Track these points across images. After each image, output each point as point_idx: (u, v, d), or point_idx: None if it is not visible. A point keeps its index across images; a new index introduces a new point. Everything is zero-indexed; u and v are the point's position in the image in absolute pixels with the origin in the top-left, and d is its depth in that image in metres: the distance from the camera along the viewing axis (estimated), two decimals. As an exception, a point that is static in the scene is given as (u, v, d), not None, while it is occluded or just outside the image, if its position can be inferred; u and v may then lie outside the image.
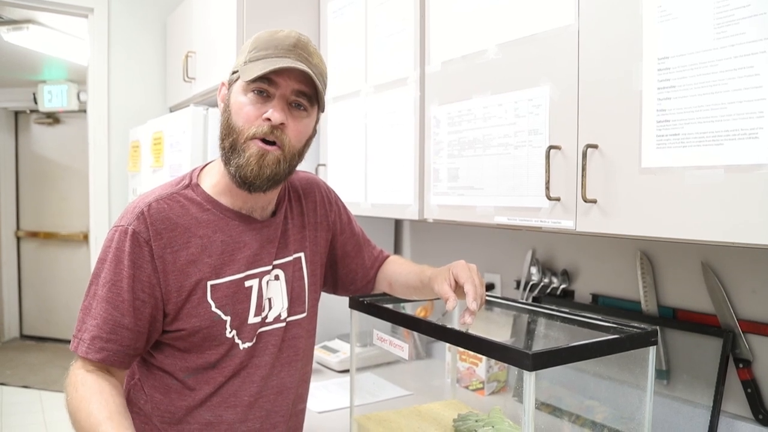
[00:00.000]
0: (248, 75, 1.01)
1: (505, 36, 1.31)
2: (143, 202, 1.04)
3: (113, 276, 1.01)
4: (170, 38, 2.83)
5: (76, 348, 1.01)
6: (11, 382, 4.50)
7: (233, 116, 1.04)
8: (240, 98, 1.03)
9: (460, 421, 1.36)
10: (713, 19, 0.92)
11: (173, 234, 1.03)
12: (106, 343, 0.99)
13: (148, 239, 1.01)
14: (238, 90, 1.04)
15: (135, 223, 1.01)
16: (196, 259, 1.04)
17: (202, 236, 1.05)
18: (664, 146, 0.99)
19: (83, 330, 1.01)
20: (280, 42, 1.03)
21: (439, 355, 2.08)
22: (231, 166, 1.04)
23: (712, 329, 1.30)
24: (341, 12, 1.95)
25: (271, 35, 1.05)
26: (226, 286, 1.06)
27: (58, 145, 5.56)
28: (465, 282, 1.07)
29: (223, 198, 1.09)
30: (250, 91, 1.02)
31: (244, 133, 1.02)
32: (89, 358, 0.99)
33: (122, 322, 1.00)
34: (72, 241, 5.48)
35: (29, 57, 4.23)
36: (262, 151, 1.01)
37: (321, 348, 2.07)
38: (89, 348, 0.99)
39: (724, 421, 1.26)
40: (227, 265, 1.06)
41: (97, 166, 2.80)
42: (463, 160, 1.43)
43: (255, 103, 1.02)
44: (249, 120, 1.02)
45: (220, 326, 1.05)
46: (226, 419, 1.09)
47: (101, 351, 0.99)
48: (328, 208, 1.28)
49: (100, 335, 0.99)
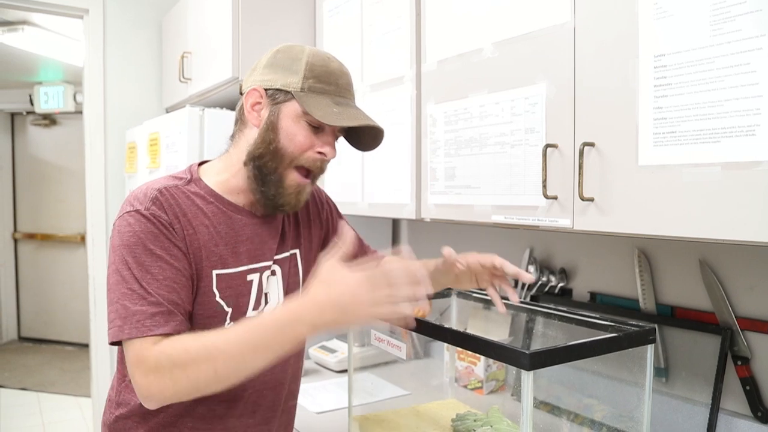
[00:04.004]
0: (325, 117, 1.01)
1: (501, 34, 1.31)
2: (152, 188, 1.03)
3: (149, 252, 0.97)
4: (166, 39, 2.83)
5: (138, 332, 0.92)
6: (9, 384, 4.49)
7: (283, 140, 1.04)
8: (293, 126, 1.04)
9: (459, 421, 1.36)
10: (709, 16, 0.91)
11: (185, 219, 1.02)
12: (168, 315, 0.94)
13: (169, 221, 1.00)
14: (291, 116, 1.04)
15: (152, 207, 0.99)
16: (204, 246, 1.03)
17: (208, 225, 1.05)
18: (661, 144, 0.99)
19: (134, 313, 0.93)
20: (338, 78, 1.07)
21: (437, 355, 2.08)
22: (264, 187, 1.06)
23: (710, 327, 1.30)
24: (337, 11, 1.95)
25: (325, 64, 1.07)
26: (230, 277, 1.06)
27: (55, 146, 5.55)
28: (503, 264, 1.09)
29: (228, 196, 1.10)
30: (305, 119, 1.04)
31: (293, 161, 1.05)
32: (156, 333, 0.92)
33: (179, 282, 0.98)
34: (69, 243, 5.47)
35: (25, 58, 4.22)
36: (300, 187, 1.07)
37: (319, 348, 2.07)
38: (153, 324, 0.92)
39: (723, 419, 1.26)
40: (231, 256, 1.07)
41: (94, 167, 2.79)
42: (460, 159, 1.43)
43: (308, 133, 1.05)
44: (301, 149, 1.05)
45: (220, 317, 1.05)
46: (219, 413, 1.10)
47: (167, 323, 0.94)
48: (320, 207, 1.30)
49: (160, 311, 0.94)
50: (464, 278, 1.13)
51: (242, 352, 0.89)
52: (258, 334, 0.89)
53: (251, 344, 0.89)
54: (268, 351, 0.90)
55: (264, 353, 0.90)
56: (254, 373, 0.92)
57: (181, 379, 0.89)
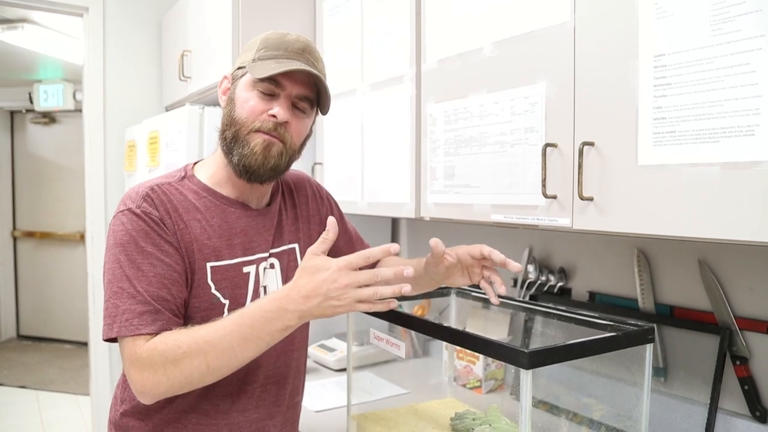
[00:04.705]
0: (258, 73, 1.03)
1: (501, 34, 1.31)
2: (143, 187, 1.06)
3: (140, 249, 0.99)
4: (166, 37, 2.82)
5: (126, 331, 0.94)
6: (8, 382, 4.49)
7: (237, 109, 1.07)
8: (245, 93, 1.07)
9: (458, 420, 1.36)
10: (709, 16, 0.91)
11: (177, 215, 1.04)
12: (156, 314, 0.96)
13: (160, 217, 1.02)
14: (244, 85, 1.07)
15: (144, 205, 1.02)
16: (196, 240, 1.05)
17: (200, 219, 1.07)
18: (660, 143, 0.99)
19: (123, 312, 0.96)
20: (290, 45, 1.07)
21: (436, 354, 2.08)
22: (234, 155, 1.06)
23: (709, 326, 1.30)
24: (337, 10, 1.95)
25: (280, 37, 1.08)
26: (225, 269, 1.07)
27: (54, 144, 5.54)
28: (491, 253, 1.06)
29: (219, 188, 1.12)
30: (256, 89, 1.05)
31: (247, 125, 1.05)
32: (143, 333, 0.94)
33: (170, 277, 0.99)
34: (69, 241, 5.47)
35: (25, 56, 4.22)
36: (267, 142, 1.05)
37: (318, 347, 2.07)
38: (140, 323, 0.94)
39: (722, 418, 1.27)
40: (225, 248, 1.08)
41: (93, 165, 2.79)
42: (460, 158, 1.43)
43: (261, 99, 1.06)
44: (254, 113, 1.05)
45: (218, 309, 1.06)
46: (223, 409, 1.10)
47: (154, 323, 0.95)
48: (320, 203, 1.31)
49: (147, 310, 0.95)
50: (455, 272, 1.11)
51: (232, 345, 0.92)
52: (246, 325, 0.92)
53: (240, 336, 0.92)
54: (258, 341, 0.93)
55: (254, 344, 0.93)
56: (246, 362, 0.95)
57: (175, 374, 0.91)
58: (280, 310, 0.91)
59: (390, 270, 0.89)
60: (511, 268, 1.03)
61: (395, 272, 0.89)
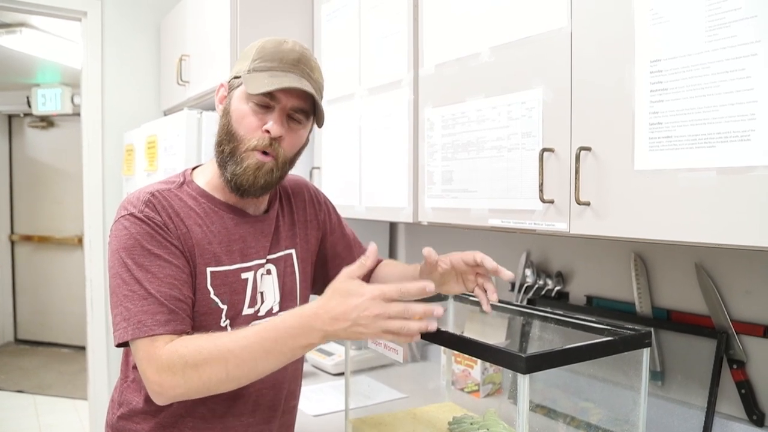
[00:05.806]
0: (253, 88, 1.02)
1: (498, 39, 1.31)
2: (144, 192, 1.05)
3: (147, 252, 0.99)
4: (164, 41, 2.83)
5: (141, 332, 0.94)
6: (5, 387, 4.48)
7: (234, 123, 1.06)
8: (241, 106, 1.06)
9: (455, 424, 1.36)
10: (705, 21, 0.92)
11: (178, 219, 1.05)
12: (170, 314, 0.96)
13: (163, 222, 1.02)
14: (239, 97, 1.07)
15: (146, 209, 1.02)
16: (198, 244, 1.05)
17: (201, 224, 1.07)
18: (656, 148, 0.99)
19: (136, 314, 0.95)
20: (285, 55, 1.06)
21: (434, 358, 2.08)
22: (227, 171, 1.06)
23: (706, 330, 1.30)
24: (335, 15, 1.95)
25: (276, 46, 1.07)
26: (224, 275, 1.08)
27: (52, 148, 5.54)
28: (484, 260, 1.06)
29: (217, 194, 1.12)
30: (251, 101, 1.05)
31: (245, 143, 1.05)
32: (158, 333, 0.94)
33: (180, 278, 1.00)
34: (66, 245, 5.46)
35: (23, 60, 4.22)
36: (259, 163, 1.05)
37: (316, 351, 2.07)
38: (154, 323, 0.95)
39: (719, 422, 1.27)
40: (225, 254, 1.08)
41: (91, 169, 2.79)
42: (457, 163, 1.43)
43: (256, 114, 1.05)
44: (250, 130, 1.05)
45: (216, 315, 1.06)
46: (219, 413, 1.10)
47: (168, 323, 0.95)
48: (317, 208, 1.31)
49: (161, 310, 0.96)
50: (450, 280, 1.12)
51: (254, 356, 0.91)
52: (270, 339, 0.92)
53: (262, 349, 0.91)
54: (280, 355, 0.92)
55: (275, 357, 0.92)
56: (265, 375, 0.95)
57: (193, 379, 0.91)
58: (306, 327, 0.90)
59: (420, 306, 0.89)
60: (503, 276, 1.03)
61: (425, 309, 0.89)
